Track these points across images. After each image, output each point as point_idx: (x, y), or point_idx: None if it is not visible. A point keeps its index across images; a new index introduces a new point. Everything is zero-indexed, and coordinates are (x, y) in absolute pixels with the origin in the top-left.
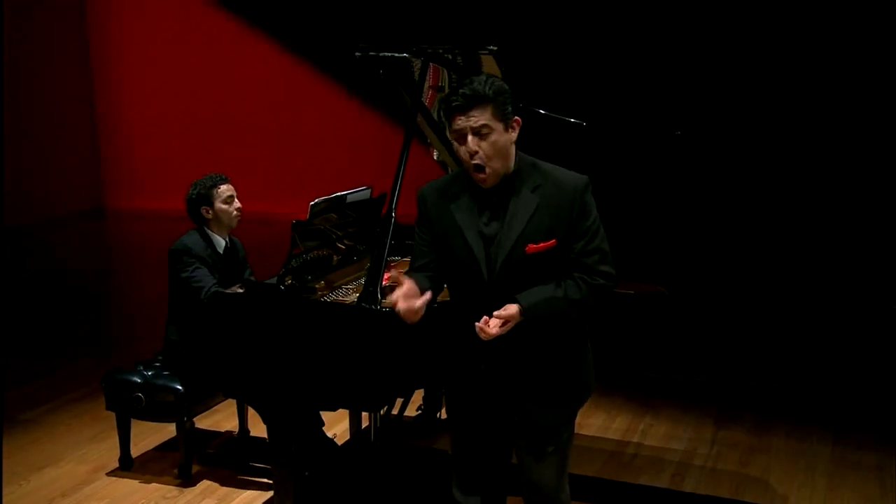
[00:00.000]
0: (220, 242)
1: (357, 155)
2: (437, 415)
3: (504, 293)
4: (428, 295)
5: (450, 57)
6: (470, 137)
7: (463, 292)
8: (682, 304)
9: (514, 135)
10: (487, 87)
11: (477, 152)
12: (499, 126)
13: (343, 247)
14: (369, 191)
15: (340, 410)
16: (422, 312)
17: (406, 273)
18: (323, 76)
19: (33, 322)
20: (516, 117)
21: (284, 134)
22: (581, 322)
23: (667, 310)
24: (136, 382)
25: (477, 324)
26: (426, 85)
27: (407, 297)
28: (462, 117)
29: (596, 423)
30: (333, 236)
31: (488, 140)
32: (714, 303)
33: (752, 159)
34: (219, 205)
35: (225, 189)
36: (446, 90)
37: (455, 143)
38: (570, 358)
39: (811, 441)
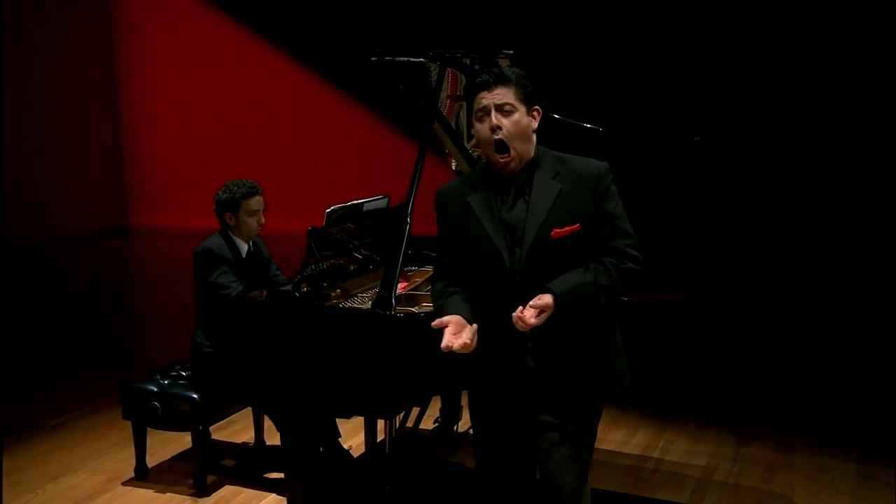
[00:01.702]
0: (243, 247)
1: (379, 173)
2: (455, 428)
3: (531, 282)
4: (475, 326)
5: (467, 62)
6: (493, 113)
7: (488, 286)
8: (699, 314)
9: (534, 122)
10: (510, 71)
11: (500, 128)
12: (521, 108)
13: (360, 256)
14: (386, 200)
15: (356, 423)
16: (475, 340)
17: (441, 305)
18: (346, 95)
19: (54, 335)
20: (536, 107)
21: (307, 151)
22: (609, 310)
23: (683, 319)
24: (151, 391)
25: (514, 314)
26: (444, 94)
27: (457, 335)
28: (486, 94)
29: (616, 437)
30: (350, 246)
31: (511, 118)
32: (733, 312)
33: (772, 165)
34: (243, 216)
35: (254, 202)
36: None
37: (477, 125)
38: (598, 346)
39: (836, 458)
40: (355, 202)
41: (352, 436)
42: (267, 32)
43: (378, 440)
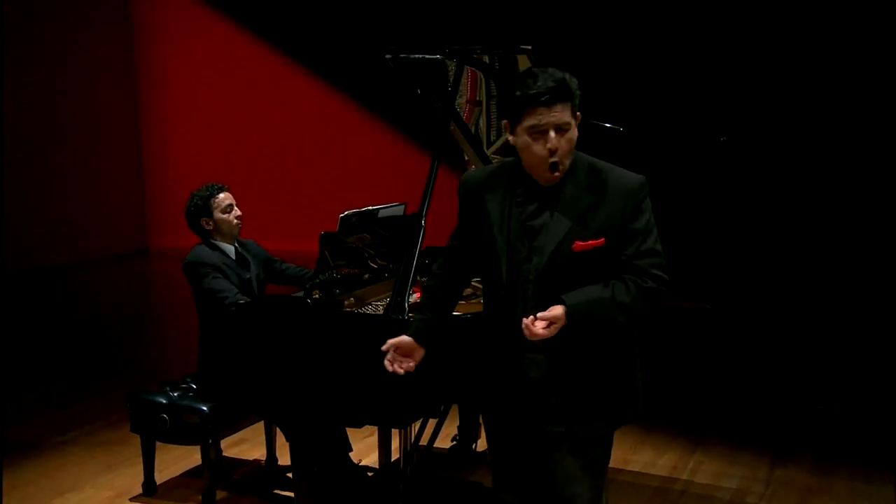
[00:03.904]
0: (229, 248)
1: (401, 186)
2: (473, 446)
3: (548, 292)
4: (417, 358)
5: (486, 59)
6: (552, 133)
7: (492, 290)
8: (728, 322)
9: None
10: (571, 81)
11: (557, 149)
12: (574, 122)
13: (375, 266)
14: (403, 207)
15: (371, 442)
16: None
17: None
18: (373, 115)
19: (71, 354)
20: (578, 112)
21: (329, 172)
22: (629, 331)
23: (711, 329)
24: (160, 403)
25: (525, 320)
26: (463, 99)
27: (402, 360)
28: (545, 111)
29: (643, 458)
30: (366, 255)
31: (566, 137)
32: (766, 323)
33: (807, 167)
34: (218, 214)
35: (223, 198)
36: (483, 104)
37: (528, 140)
38: (616, 369)
39: (876, 483)
40: (370, 208)
41: (366, 454)
42: (289, 50)
43: (392, 458)
